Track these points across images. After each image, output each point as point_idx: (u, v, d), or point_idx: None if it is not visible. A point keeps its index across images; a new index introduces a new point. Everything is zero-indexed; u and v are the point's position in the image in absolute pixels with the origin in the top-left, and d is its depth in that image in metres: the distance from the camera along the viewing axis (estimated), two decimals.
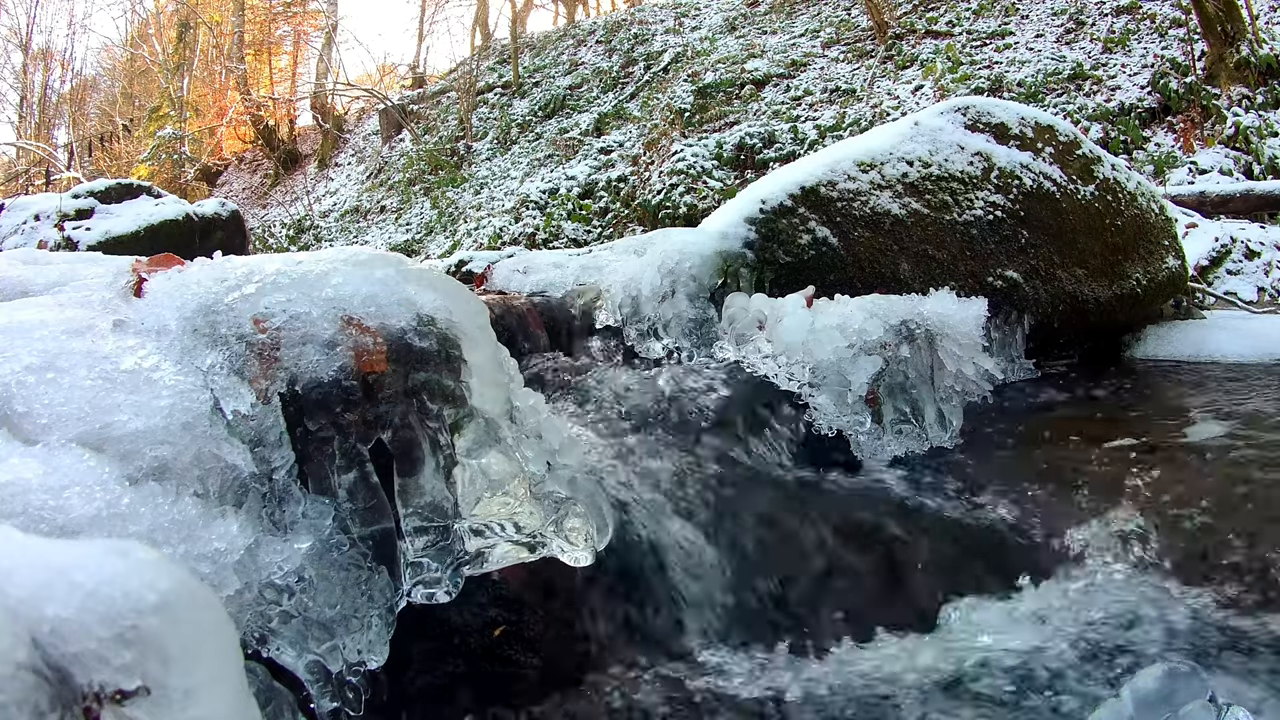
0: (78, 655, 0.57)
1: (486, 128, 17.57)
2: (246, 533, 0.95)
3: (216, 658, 0.65)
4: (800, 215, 2.49)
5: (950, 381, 2.11)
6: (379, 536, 1.12)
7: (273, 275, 1.20)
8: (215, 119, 24.30)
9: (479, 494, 1.20)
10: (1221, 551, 1.44)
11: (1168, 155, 8.61)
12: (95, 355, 1.04)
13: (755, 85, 13.21)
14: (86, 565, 0.60)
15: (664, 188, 10.90)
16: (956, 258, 2.58)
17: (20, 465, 0.86)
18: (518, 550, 1.25)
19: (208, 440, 1.01)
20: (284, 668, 0.99)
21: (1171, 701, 0.97)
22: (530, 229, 12.17)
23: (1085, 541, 1.58)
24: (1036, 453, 1.95)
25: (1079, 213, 2.79)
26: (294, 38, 26.03)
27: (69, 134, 25.59)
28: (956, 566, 1.58)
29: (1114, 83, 10.04)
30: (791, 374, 1.98)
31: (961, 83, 10.86)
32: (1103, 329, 2.93)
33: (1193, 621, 1.32)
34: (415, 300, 1.22)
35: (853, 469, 1.92)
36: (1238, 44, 9.00)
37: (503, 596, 1.40)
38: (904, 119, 2.93)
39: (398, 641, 1.12)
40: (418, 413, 1.16)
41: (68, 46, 32.43)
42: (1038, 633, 1.35)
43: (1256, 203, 6.83)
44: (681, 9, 18.39)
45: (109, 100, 28.01)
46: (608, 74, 16.97)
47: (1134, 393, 2.45)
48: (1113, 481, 1.72)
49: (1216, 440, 1.87)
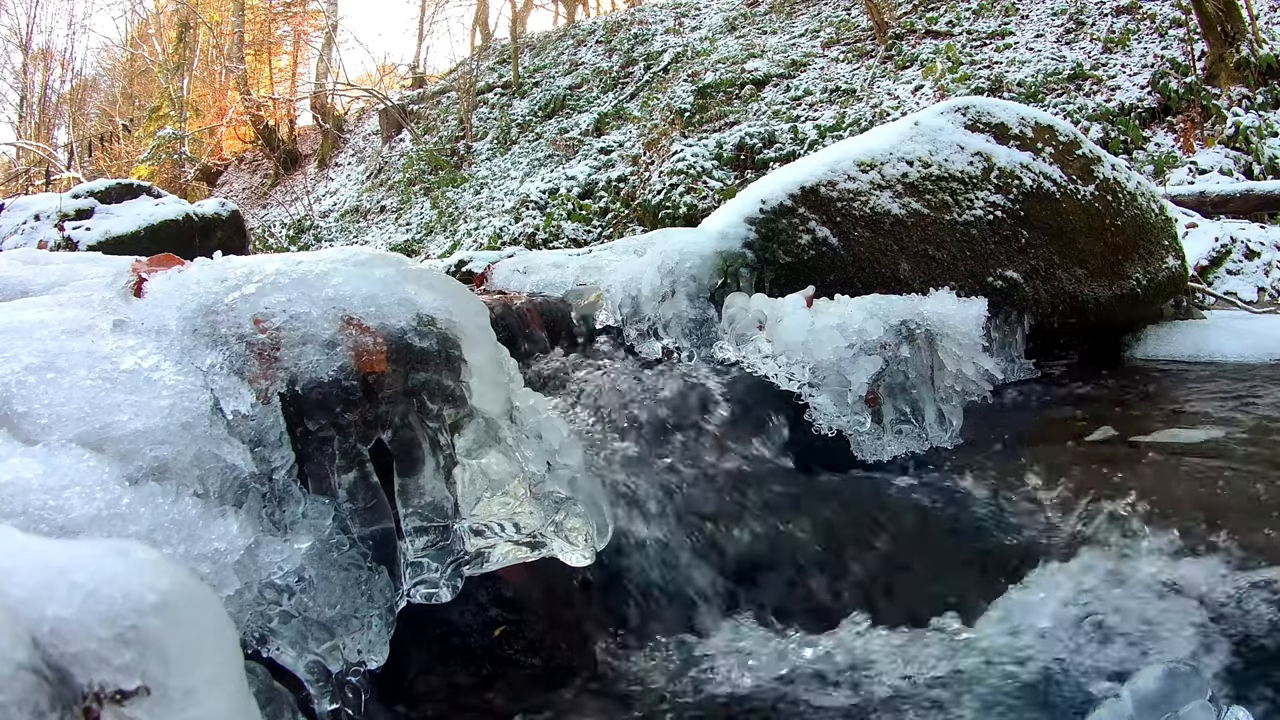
0: (78, 655, 0.57)
1: (486, 128, 17.57)
2: (246, 533, 0.95)
3: (216, 658, 0.65)
4: (800, 215, 2.49)
5: (950, 381, 2.11)
6: (379, 536, 1.12)
7: (273, 275, 1.20)
8: (215, 119, 24.30)
9: (479, 494, 1.20)
10: (1221, 550, 1.44)
11: (1168, 155, 8.61)
12: (95, 355, 1.04)
13: (755, 85, 13.21)
14: (86, 565, 0.60)
15: (664, 188, 10.90)
16: (956, 258, 2.58)
17: (20, 465, 0.86)
18: (518, 550, 1.25)
19: (208, 440, 1.01)
20: (284, 668, 0.99)
21: (1171, 701, 0.97)
22: (530, 229, 12.17)
23: (1085, 540, 1.58)
24: (1036, 452, 1.94)
25: (1079, 213, 2.79)
26: (294, 38, 26.04)
27: (69, 134, 25.59)
28: (956, 566, 1.58)
29: (1114, 83, 10.04)
30: (791, 374, 1.98)
31: (961, 83, 10.86)
32: (1102, 329, 2.93)
33: (1193, 620, 1.32)
34: (415, 300, 1.22)
35: (852, 469, 1.92)
36: (1238, 44, 9.00)
37: (503, 596, 1.40)
38: (904, 119, 2.93)
39: (398, 641, 1.12)
40: (418, 413, 1.16)
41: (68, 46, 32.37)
42: (1038, 632, 1.35)
43: (1256, 203, 6.83)
44: (681, 9, 18.39)
45: (109, 100, 28.01)
46: (608, 74, 16.97)
47: (1134, 393, 2.45)
48: (1112, 481, 1.72)
49: (1217, 440, 1.87)
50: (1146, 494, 1.64)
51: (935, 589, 1.53)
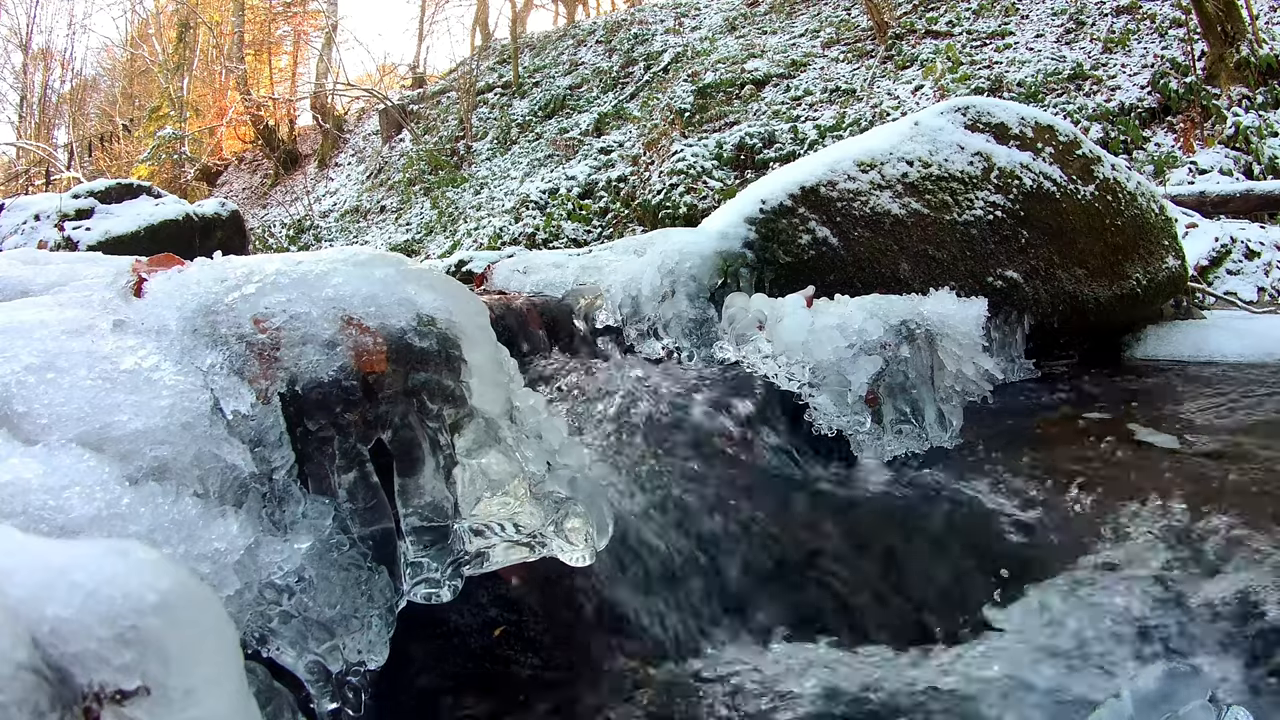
0: (78, 655, 0.57)
1: (486, 128, 17.57)
2: (246, 533, 0.95)
3: (216, 658, 0.65)
4: (800, 215, 2.49)
5: (950, 381, 2.11)
6: (379, 536, 1.12)
7: (273, 275, 1.20)
8: (215, 119, 24.30)
9: (479, 494, 1.20)
10: (1221, 549, 1.44)
11: (1168, 155, 8.61)
12: (95, 355, 1.04)
13: (755, 85, 13.21)
14: (86, 565, 0.60)
15: (664, 188, 10.90)
16: (956, 258, 2.58)
17: (20, 465, 0.86)
18: (518, 550, 1.25)
19: (208, 440, 1.01)
20: (284, 668, 0.99)
21: (1172, 701, 0.97)
22: (530, 229, 12.17)
23: (1085, 539, 1.58)
24: (1036, 452, 1.95)
25: (1079, 213, 2.79)
26: (294, 38, 26.04)
27: (69, 134, 25.59)
28: (955, 566, 1.58)
29: (1114, 83, 10.04)
30: (791, 374, 1.98)
31: (961, 83, 10.86)
32: (1103, 329, 2.92)
33: (1194, 620, 1.32)
34: (415, 300, 1.22)
35: (852, 469, 1.92)
36: (1238, 44, 9.00)
37: (503, 596, 1.40)
38: (904, 119, 2.93)
39: (398, 641, 1.12)
40: (418, 413, 1.16)
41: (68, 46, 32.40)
42: (1038, 631, 1.35)
43: (1256, 203, 6.83)
44: (681, 9, 18.39)
45: (109, 100, 28.01)
46: (608, 74, 16.97)
47: (1133, 393, 2.45)
48: (1112, 480, 1.72)
49: (1216, 439, 1.87)
50: (1148, 493, 1.64)
51: (936, 589, 1.53)
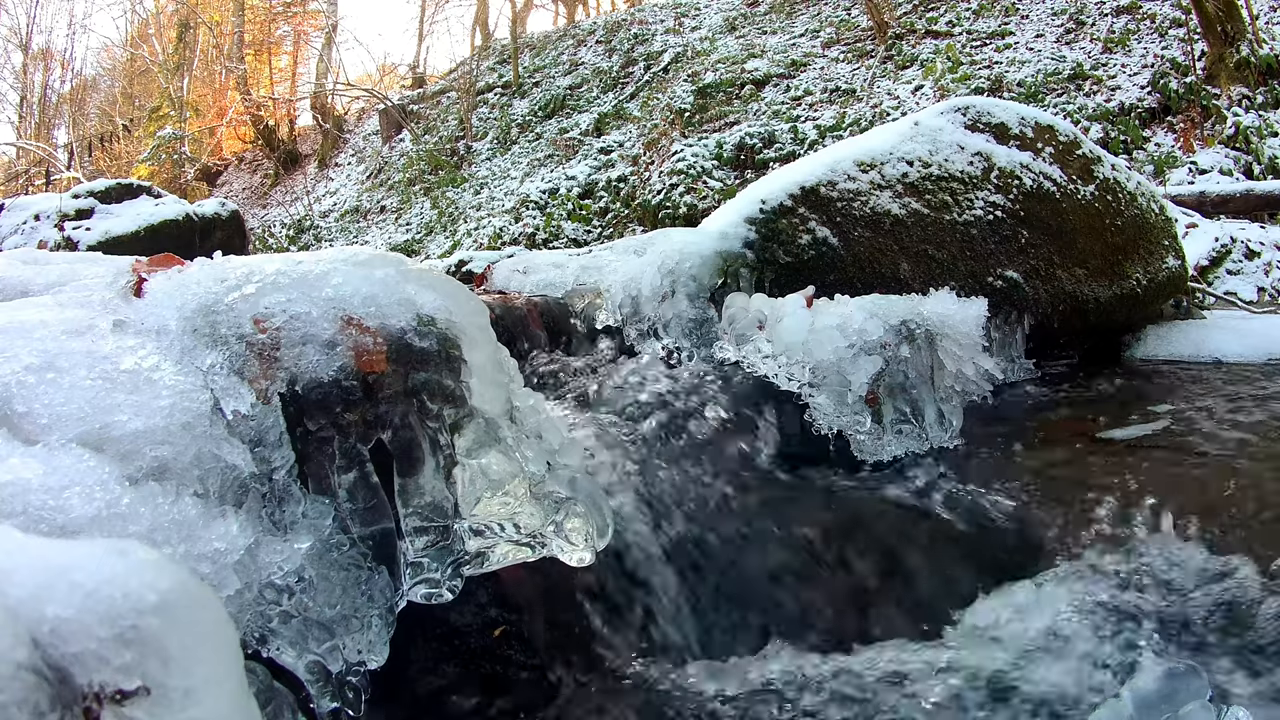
0: (78, 655, 0.57)
1: (486, 128, 17.57)
2: (246, 533, 0.95)
3: (216, 658, 0.65)
4: (800, 215, 2.49)
5: (950, 381, 2.11)
6: (379, 536, 1.12)
7: (273, 275, 1.20)
8: (215, 119, 24.30)
9: (479, 494, 1.20)
10: (1221, 549, 1.44)
11: (1168, 155, 8.61)
12: (95, 355, 1.04)
13: (755, 85, 13.21)
14: (86, 565, 0.60)
15: (664, 188, 10.90)
16: (956, 258, 2.58)
17: (20, 465, 0.86)
18: (518, 550, 1.25)
19: (208, 440, 1.01)
20: (284, 668, 0.99)
21: (1171, 701, 0.97)
22: (530, 229, 12.17)
23: (1085, 539, 1.58)
24: (1036, 452, 1.95)
25: (1079, 213, 2.79)
26: (294, 38, 26.05)
27: (69, 134, 25.60)
28: (956, 565, 1.58)
29: (1114, 83, 10.04)
30: (791, 374, 1.98)
31: (961, 83, 10.86)
32: (1102, 329, 2.92)
33: (1194, 619, 1.32)
34: (415, 300, 1.22)
35: (852, 469, 1.92)
36: (1238, 44, 9.00)
37: (503, 596, 1.40)
38: (904, 119, 2.93)
39: (398, 641, 1.12)
40: (418, 413, 1.16)
41: (68, 46, 32.42)
42: (1039, 630, 1.35)
43: (1256, 203, 6.83)
44: (681, 9, 18.39)
45: (109, 100, 28.01)
46: (608, 74, 16.97)
47: (1133, 392, 2.45)
48: (1112, 480, 1.72)
49: (1216, 439, 1.87)
50: (1148, 493, 1.64)
51: (936, 589, 1.53)
